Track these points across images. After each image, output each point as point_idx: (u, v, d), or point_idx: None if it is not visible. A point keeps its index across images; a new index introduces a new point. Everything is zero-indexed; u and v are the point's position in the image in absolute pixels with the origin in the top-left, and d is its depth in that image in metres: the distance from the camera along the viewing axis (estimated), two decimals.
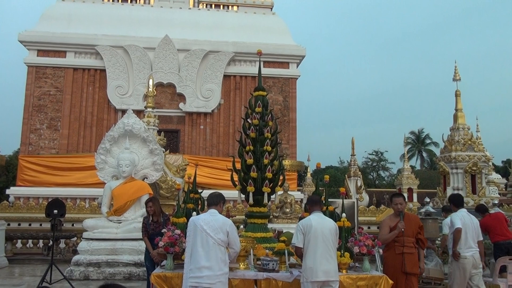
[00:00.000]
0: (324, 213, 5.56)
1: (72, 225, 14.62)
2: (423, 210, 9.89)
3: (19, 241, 13.94)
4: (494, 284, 7.89)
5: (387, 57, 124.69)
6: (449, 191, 13.75)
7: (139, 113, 18.53)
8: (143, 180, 11.01)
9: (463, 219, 6.63)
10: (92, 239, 10.25)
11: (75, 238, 13.75)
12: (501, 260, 7.74)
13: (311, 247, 5.01)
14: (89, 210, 15.26)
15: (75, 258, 10.14)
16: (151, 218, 7.11)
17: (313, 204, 5.38)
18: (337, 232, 5.16)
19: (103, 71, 20.59)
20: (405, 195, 18.60)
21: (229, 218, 5.11)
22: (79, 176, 18.66)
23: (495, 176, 24.76)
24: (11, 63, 35.05)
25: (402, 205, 5.92)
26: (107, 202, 10.70)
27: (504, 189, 25.57)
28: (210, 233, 4.64)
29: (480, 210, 9.23)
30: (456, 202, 7.04)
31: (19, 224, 14.76)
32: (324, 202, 6.05)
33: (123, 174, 10.53)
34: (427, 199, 10.58)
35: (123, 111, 19.14)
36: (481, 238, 6.87)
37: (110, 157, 10.97)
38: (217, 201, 4.99)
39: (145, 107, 14.26)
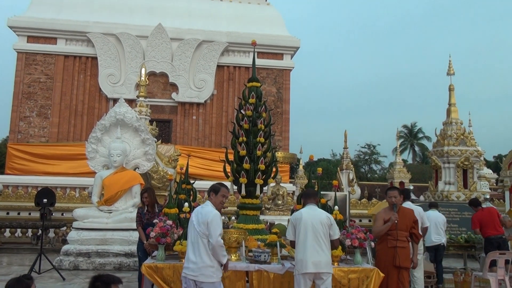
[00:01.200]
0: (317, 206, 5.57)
1: (62, 214, 14.55)
2: None
3: (8, 230, 13.86)
4: (484, 278, 7.99)
5: (381, 48, 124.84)
6: (441, 186, 13.87)
7: (131, 102, 18.40)
8: (134, 170, 10.96)
9: None
10: (82, 229, 10.21)
11: (65, 228, 13.69)
12: (491, 255, 7.83)
13: (301, 239, 5.05)
14: (79, 199, 15.19)
15: (65, 247, 10.09)
16: (146, 208, 7.10)
17: (307, 197, 5.39)
18: (330, 223, 5.13)
19: (94, 59, 20.40)
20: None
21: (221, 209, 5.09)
22: (69, 165, 18.54)
23: (487, 171, 25.00)
24: (0, 48, 34.58)
25: (396, 198, 5.96)
26: (98, 191, 10.64)
27: (494, 184, 25.85)
28: (195, 225, 4.69)
29: (473, 204, 9.36)
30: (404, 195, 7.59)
31: (7, 213, 14.66)
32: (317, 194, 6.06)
33: (114, 163, 10.47)
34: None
35: (115, 100, 19.00)
36: (426, 225, 7.59)
37: (101, 146, 10.89)
38: (209, 191, 4.99)
39: (137, 96, 14.16)
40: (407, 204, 7.13)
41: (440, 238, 8.73)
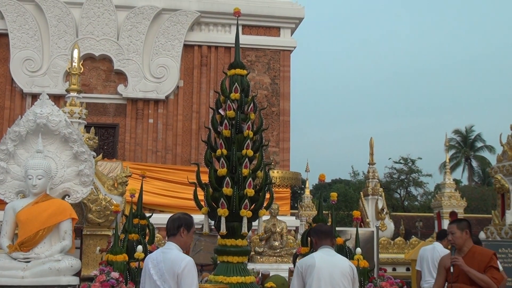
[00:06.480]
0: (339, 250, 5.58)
1: None
2: None
3: None
4: None
5: (424, 14, 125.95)
6: (510, 217, 13.94)
7: (58, 99, 18.39)
8: (63, 198, 10.93)
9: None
10: None
11: None
12: None
13: None
14: None
15: None
16: None
17: (321, 236, 5.40)
18: (353, 276, 5.18)
19: (4, 36, 20.39)
20: (446, 221, 18.77)
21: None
22: None
23: None
24: None
25: (455, 235, 5.87)
26: (9, 231, 10.57)
27: None
28: (157, 281, 4.61)
29: None
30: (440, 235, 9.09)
31: None
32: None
33: (34, 189, 10.41)
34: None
35: (34, 96, 18.97)
36: None
37: (14, 165, 10.85)
38: (175, 228, 4.84)
39: (67, 91, 14.16)
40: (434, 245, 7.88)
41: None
